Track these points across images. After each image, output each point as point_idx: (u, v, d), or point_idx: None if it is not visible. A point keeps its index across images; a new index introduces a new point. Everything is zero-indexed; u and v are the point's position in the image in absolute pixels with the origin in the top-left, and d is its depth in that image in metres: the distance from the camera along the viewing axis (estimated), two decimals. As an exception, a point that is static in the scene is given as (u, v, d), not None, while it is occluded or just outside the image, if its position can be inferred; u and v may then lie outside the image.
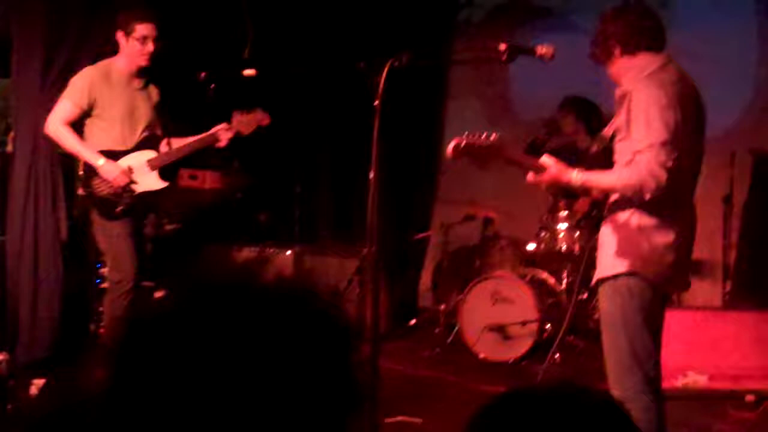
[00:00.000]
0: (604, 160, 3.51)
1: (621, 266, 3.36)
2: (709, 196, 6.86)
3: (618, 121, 3.40)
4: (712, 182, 6.85)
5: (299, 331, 0.91)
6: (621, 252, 3.36)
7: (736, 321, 5.60)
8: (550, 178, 3.34)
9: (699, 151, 3.49)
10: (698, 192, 3.55)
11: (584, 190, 3.59)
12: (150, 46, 5.00)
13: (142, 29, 4.97)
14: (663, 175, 3.20)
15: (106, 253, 5.25)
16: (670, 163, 3.21)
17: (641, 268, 3.33)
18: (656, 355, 3.46)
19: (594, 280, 3.50)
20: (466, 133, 3.26)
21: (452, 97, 8.50)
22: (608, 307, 3.43)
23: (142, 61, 5.04)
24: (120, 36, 5.01)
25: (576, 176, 3.33)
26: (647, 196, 3.25)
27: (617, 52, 3.44)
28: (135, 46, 5.00)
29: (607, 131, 3.49)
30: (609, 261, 3.40)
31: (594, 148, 3.60)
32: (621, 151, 3.39)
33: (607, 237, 3.44)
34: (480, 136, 3.26)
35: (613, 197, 3.45)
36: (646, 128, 3.23)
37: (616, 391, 3.36)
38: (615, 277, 3.37)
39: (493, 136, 3.28)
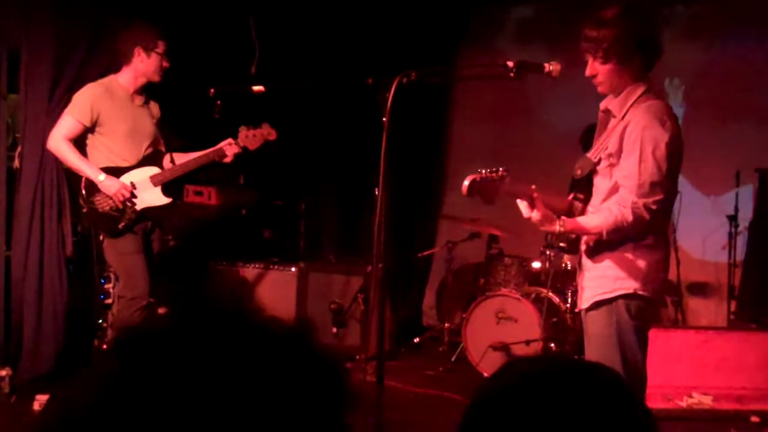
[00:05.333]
0: (587, 185, 3.45)
1: (620, 288, 3.29)
2: (714, 215, 6.89)
3: (609, 145, 3.30)
4: (716, 202, 6.87)
5: (298, 374, 0.87)
6: (619, 273, 3.30)
7: (742, 341, 5.57)
8: (536, 221, 3.22)
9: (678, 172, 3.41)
10: (704, 212, 3.52)
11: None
12: (166, 62, 5.06)
13: (163, 45, 5.05)
14: (647, 215, 3.18)
15: (117, 270, 5.24)
16: (654, 206, 3.18)
17: (641, 288, 3.28)
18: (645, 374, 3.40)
19: (589, 302, 3.37)
20: (480, 170, 3.19)
21: (459, 114, 8.53)
22: (602, 328, 3.33)
23: (157, 77, 5.08)
24: (138, 51, 5.02)
25: (559, 227, 3.21)
26: (631, 235, 3.24)
27: (614, 61, 3.27)
28: (155, 61, 5.03)
29: (593, 155, 3.40)
30: (605, 282, 3.33)
31: (578, 173, 3.46)
32: (606, 175, 3.34)
33: (598, 259, 3.36)
34: (490, 172, 3.19)
35: None
36: (639, 165, 3.19)
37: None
38: (613, 299, 3.30)
39: (501, 171, 3.22)
